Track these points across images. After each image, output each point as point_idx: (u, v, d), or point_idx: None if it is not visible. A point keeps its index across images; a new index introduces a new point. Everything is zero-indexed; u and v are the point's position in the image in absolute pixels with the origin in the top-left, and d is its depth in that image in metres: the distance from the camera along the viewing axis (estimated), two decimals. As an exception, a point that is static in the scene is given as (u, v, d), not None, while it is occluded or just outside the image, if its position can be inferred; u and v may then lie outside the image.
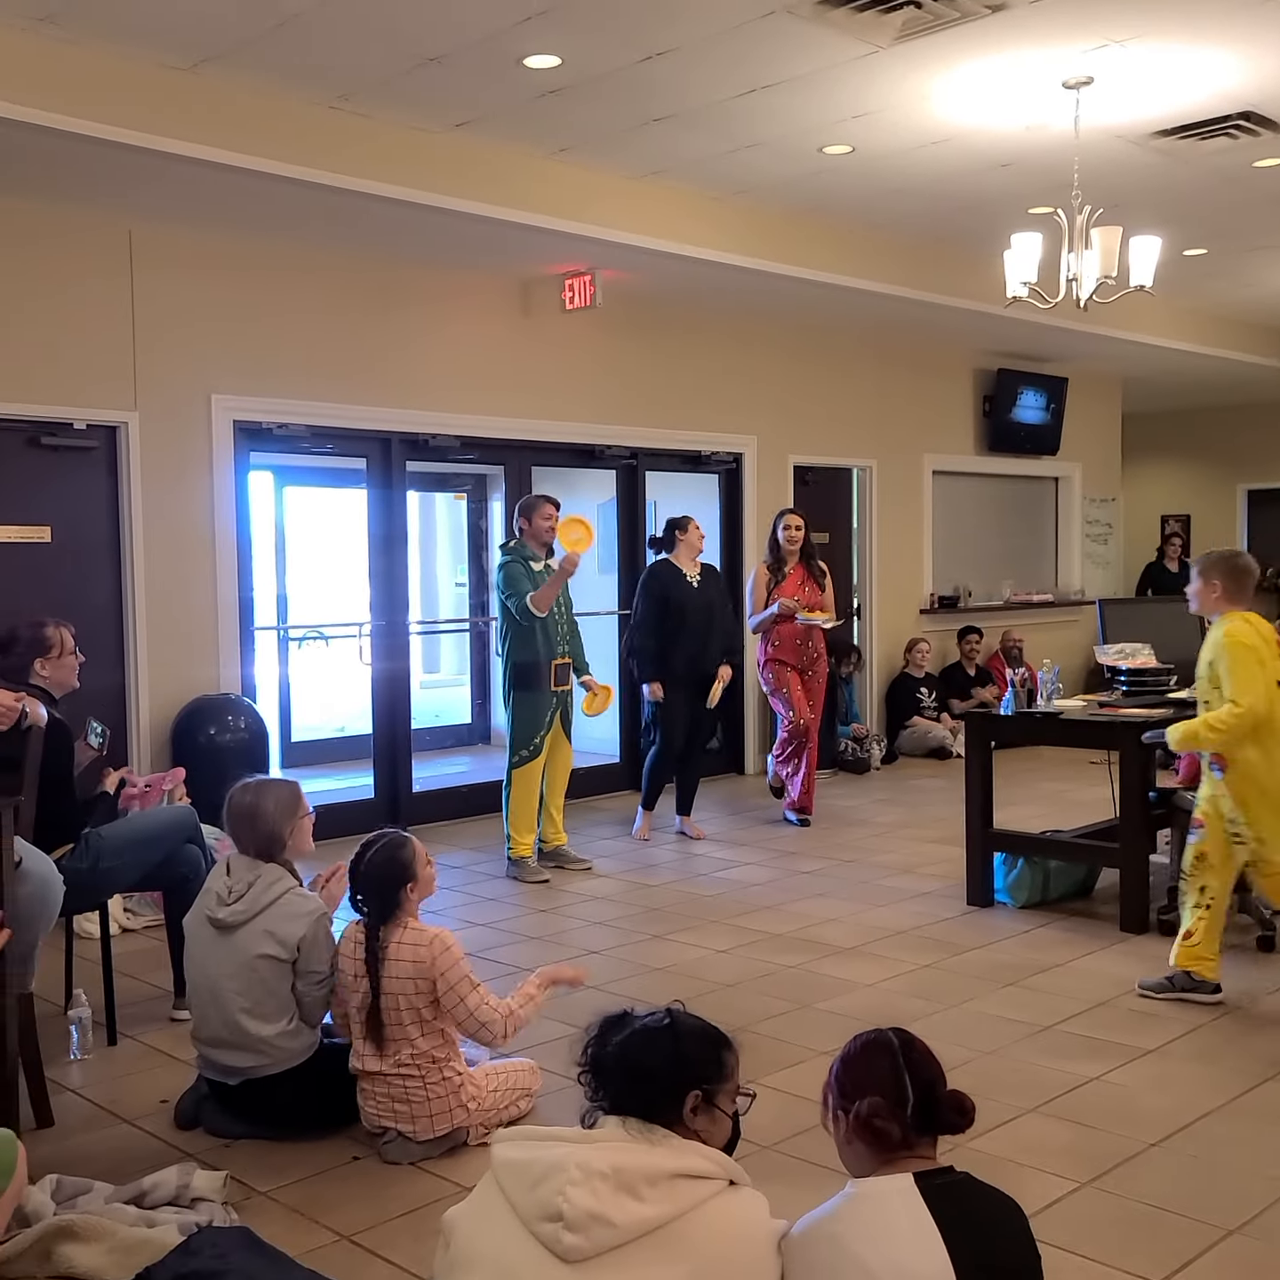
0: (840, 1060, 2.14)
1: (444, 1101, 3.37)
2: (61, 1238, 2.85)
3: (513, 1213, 1.94)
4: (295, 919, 3.52)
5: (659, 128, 6.10)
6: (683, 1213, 1.92)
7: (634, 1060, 2.06)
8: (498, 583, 6.41)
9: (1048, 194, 7.03)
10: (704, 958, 5.05)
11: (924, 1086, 2.06)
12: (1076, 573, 11.86)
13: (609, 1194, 1.90)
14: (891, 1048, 2.09)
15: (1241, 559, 4.47)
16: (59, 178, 5.63)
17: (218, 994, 3.50)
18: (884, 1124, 2.01)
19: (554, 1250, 1.88)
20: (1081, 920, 5.49)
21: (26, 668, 4.16)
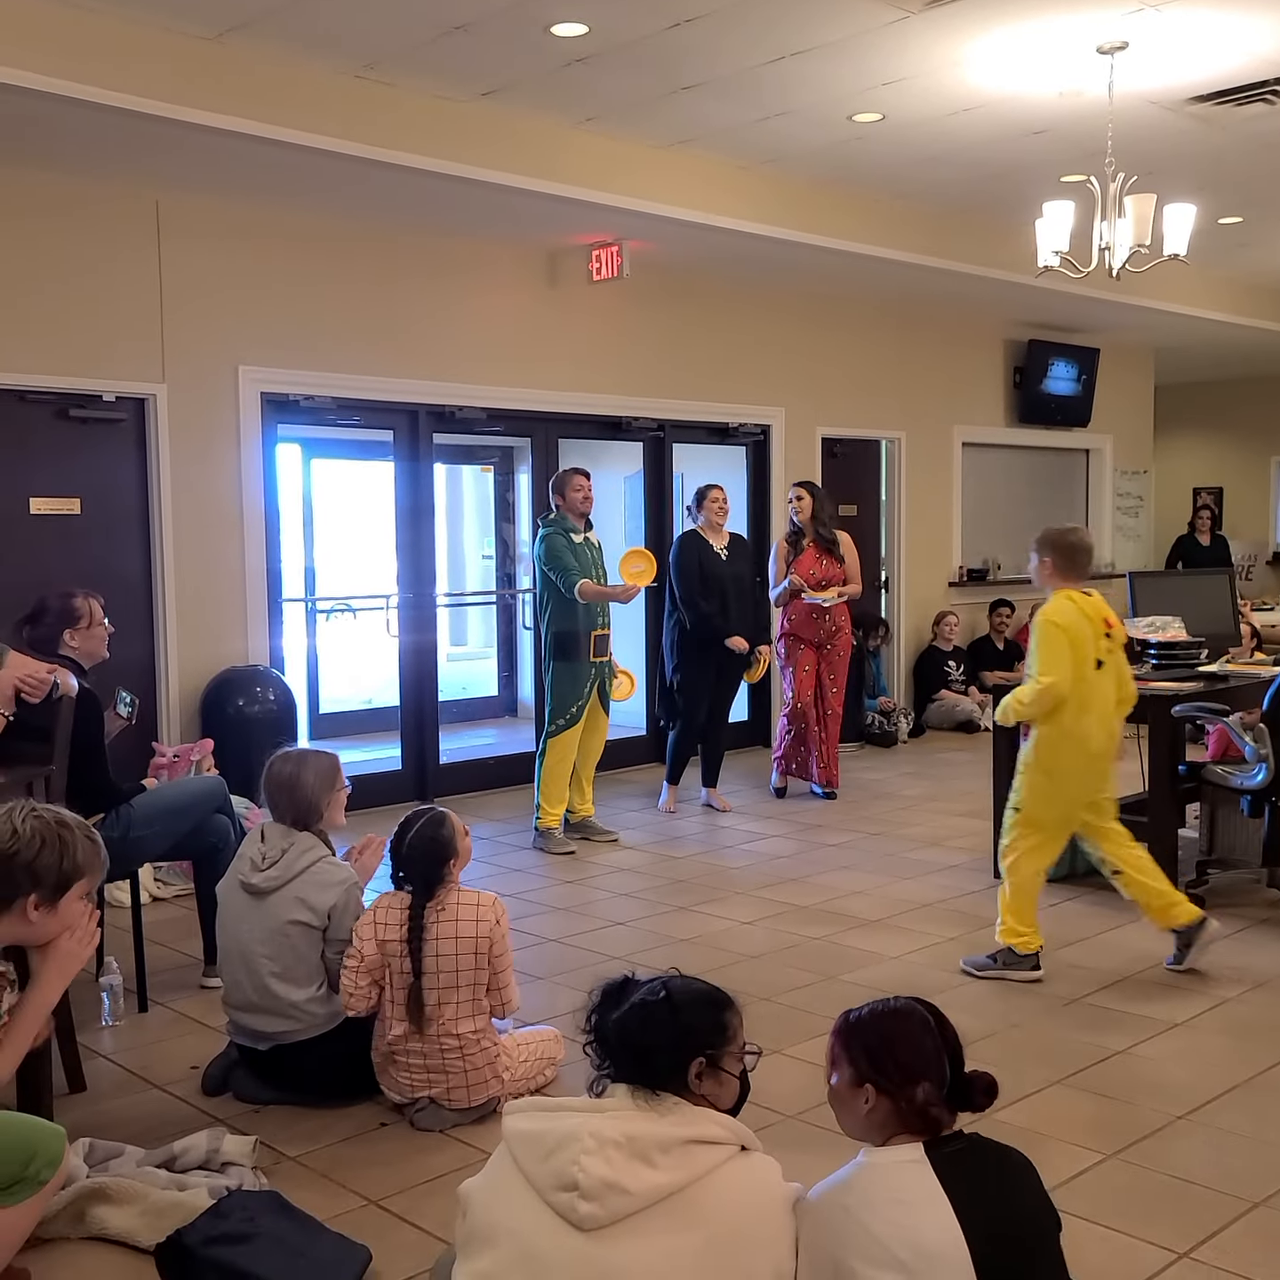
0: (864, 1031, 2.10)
1: (481, 1073, 3.39)
2: (95, 1200, 2.90)
3: (527, 1184, 1.96)
4: (327, 887, 3.55)
5: (687, 96, 6.05)
6: (696, 1178, 1.93)
7: (634, 1037, 2.06)
8: (539, 554, 6.42)
9: (1080, 161, 6.95)
10: (729, 929, 5.06)
11: (957, 1066, 2.06)
12: (1107, 545, 11.77)
13: (623, 1162, 1.92)
14: (929, 1025, 2.08)
15: (1073, 535, 4.47)
16: (86, 149, 5.63)
17: (249, 959, 3.53)
18: (938, 1112, 2.01)
19: (570, 1219, 1.90)
20: (1108, 894, 5.44)
21: (56, 638, 4.19)
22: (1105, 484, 11.72)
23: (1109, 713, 4.38)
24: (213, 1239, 2.60)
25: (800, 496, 7.29)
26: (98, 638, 4.30)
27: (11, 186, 5.87)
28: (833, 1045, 2.13)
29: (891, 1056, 2.05)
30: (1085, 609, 4.34)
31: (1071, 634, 4.26)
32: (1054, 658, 4.24)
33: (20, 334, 5.92)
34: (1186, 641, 5.77)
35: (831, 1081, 2.13)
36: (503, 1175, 2.01)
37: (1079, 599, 4.35)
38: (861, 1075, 2.06)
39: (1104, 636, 4.36)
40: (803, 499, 7.27)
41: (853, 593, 7.36)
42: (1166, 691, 5.27)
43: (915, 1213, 1.90)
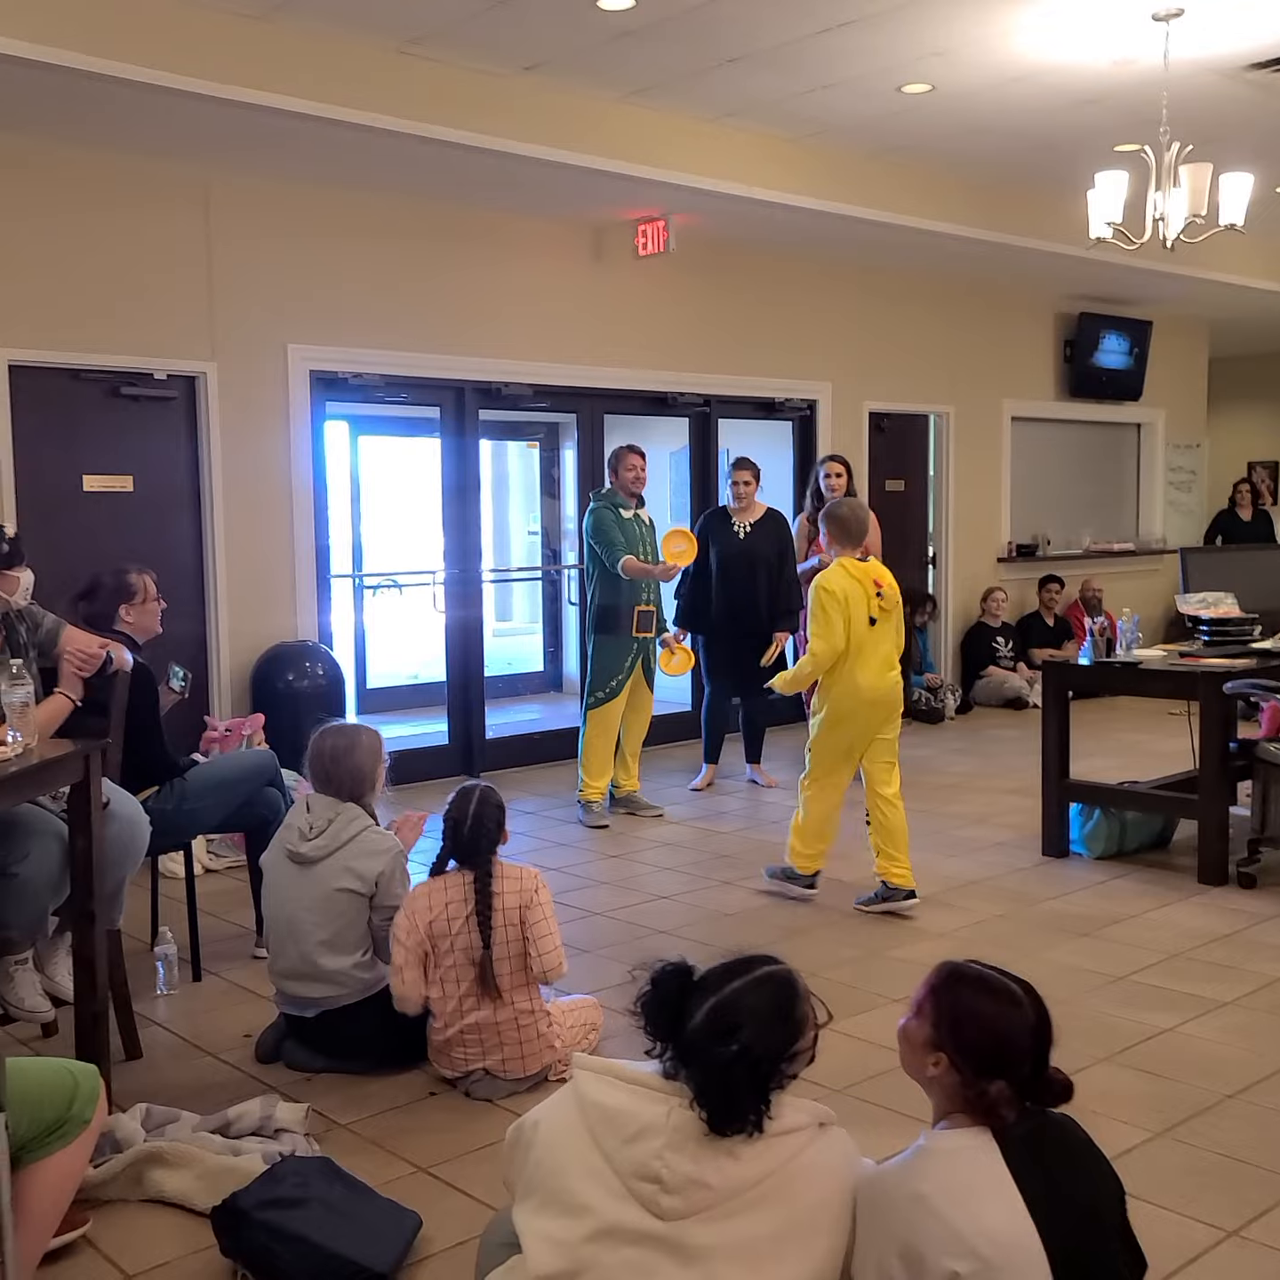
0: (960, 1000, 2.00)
1: (535, 1044, 3.43)
2: (152, 1163, 2.96)
3: (606, 1161, 1.95)
4: (374, 855, 3.59)
5: (733, 69, 6.01)
6: (779, 1167, 1.93)
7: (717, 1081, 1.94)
8: (587, 528, 6.46)
9: (1134, 131, 6.84)
10: (774, 904, 5.07)
11: (1042, 1066, 2.00)
12: (1158, 521, 11.64)
13: (707, 1158, 1.91)
14: (1030, 1022, 1.98)
15: (843, 508, 4.96)
16: (136, 129, 5.67)
17: (296, 927, 3.58)
18: (1006, 1112, 1.96)
19: (651, 1210, 1.91)
20: (1158, 872, 5.44)
21: (112, 614, 4.25)
22: (1157, 458, 11.57)
23: (883, 664, 4.87)
24: (266, 1203, 2.65)
25: (839, 474, 7.09)
26: (151, 613, 4.36)
27: (62, 167, 5.92)
28: (925, 995, 2.04)
29: (978, 1043, 1.96)
30: (854, 573, 4.84)
31: (840, 597, 4.77)
32: (824, 622, 4.77)
33: (73, 313, 5.99)
34: (1239, 618, 5.70)
35: (906, 1023, 2.05)
36: (578, 1142, 1.98)
37: (849, 564, 4.85)
38: (940, 1042, 1.98)
39: (875, 596, 4.84)
40: (841, 476, 7.08)
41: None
42: (1218, 668, 5.21)
43: (986, 1201, 1.87)
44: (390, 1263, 2.62)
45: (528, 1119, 2.10)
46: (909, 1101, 3.30)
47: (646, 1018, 2.05)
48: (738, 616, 6.85)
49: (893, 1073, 3.51)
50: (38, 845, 3.39)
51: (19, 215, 5.82)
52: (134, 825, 3.69)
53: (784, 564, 6.89)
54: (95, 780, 3.38)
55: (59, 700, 3.66)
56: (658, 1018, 2.03)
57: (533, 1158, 2.02)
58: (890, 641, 4.91)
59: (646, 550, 6.45)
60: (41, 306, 5.90)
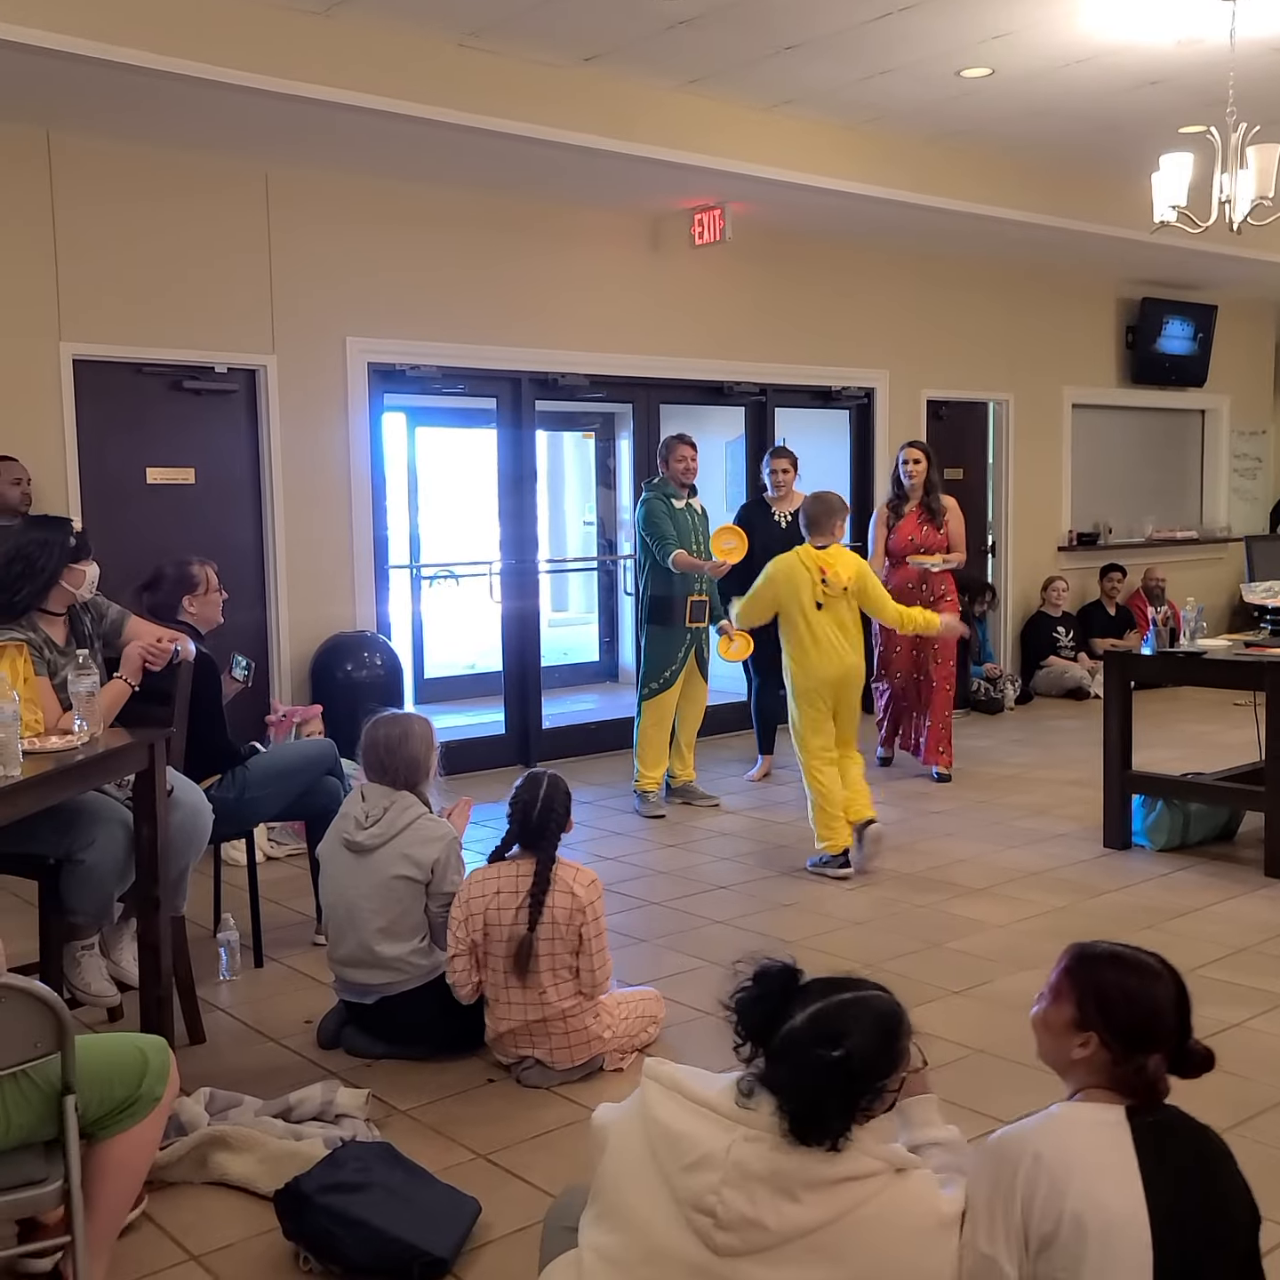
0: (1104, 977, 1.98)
1: (583, 1034, 3.44)
2: (215, 1146, 3.00)
3: (665, 1184, 1.88)
4: (430, 842, 3.62)
5: (790, 56, 5.97)
6: (842, 1215, 1.82)
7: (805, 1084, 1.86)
8: (639, 519, 6.45)
9: (1199, 112, 6.72)
10: (831, 895, 5.05)
11: (1186, 1038, 1.99)
12: (1223, 508, 11.45)
13: (765, 1198, 1.82)
14: (1173, 993, 1.99)
15: (809, 500, 5.39)
16: (196, 125, 5.73)
17: (354, 914, 3.61)
18: (1164, 1085, 1.94)
19: (706, 1243, 1.84)
20: (1223, 864, 5.36)
21: (175, 605, 4.32)
22: (1221, 445, 11.39)
23: (836, 645, 5.21)
24: (328, 1187, 2.68)
25: (918, 460, 6.97)
26: (214, 604, 4.42)
27: (125, 163, 5.99)
28: (1061, 978, 2.01)
29: (1130, 1018, 1.95)
30: (804, 559, 5.22)
31: (777, 579, 5.23)
32: (753, 594, 5.32)
33: (136, 309, 6.06)
34: (1307, 607, 5.60)
35: (1044, 1010, 2.03)
36: (639, 1158, 1.92)
37: (803, 551, 5.25)
38: (1087, 1023, 1.96)
39: (820, 583, 5.17)
40: (920, 463, 6.96)
41: (958, 560, 7.05)
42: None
43: (1104, 1177, 1.84)
44: (450, 1248, 2.64)
45: (606, 1119, 2.03)
46: (969, 1093, 3.28)
47: (741, 1014, 1.96)
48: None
49: (953, 1065, 3.50)
50: (104, 833, 3.44)
51: (83, 212, 5.90)
52: (197, 813, 3.73)
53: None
54: (160, 769, 3.43)
55: (118, 685, 3.70)
56: (754, 1015, 1.95)
57: (601, 1176, 1.97)
58: (840, 625, 5.23)
59: (699, 541, 6.42)
60: (105, 302, 5.98)
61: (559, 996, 3.41)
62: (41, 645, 3.59)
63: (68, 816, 3.41)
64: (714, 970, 4.23)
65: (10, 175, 5.73)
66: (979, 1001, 4.00)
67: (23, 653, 3.44)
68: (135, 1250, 2.72)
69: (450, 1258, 2.63)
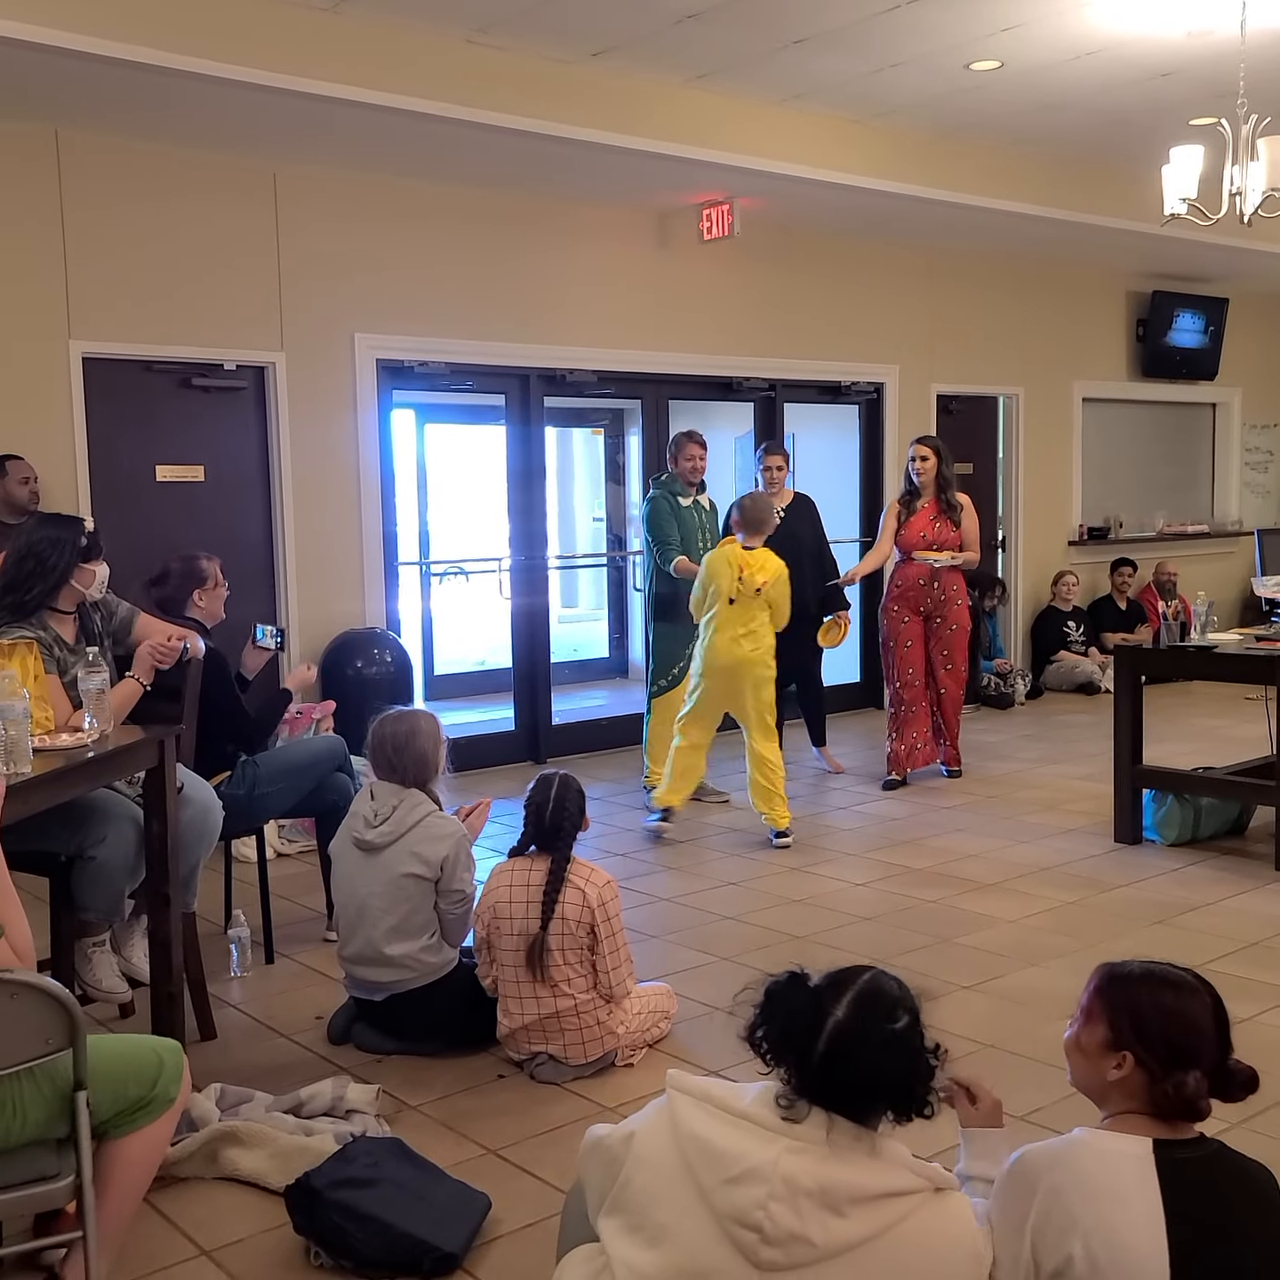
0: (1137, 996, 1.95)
1: (595, 1030, 3.44)
2: (226, 1142, 3.01)
3: (702, 1199, 1.84)
4: (439, 840, 3.62)
5: (799, 50, 5.96)
6: (886, 1229, 1.82)
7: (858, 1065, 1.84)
8: (644, 517, 6.44)
9: (1210, 104, 6.69)
10: (842, 890, 5.05)
11: (1227, 1055, 1.93)
12: (1234, 502, 11.41)
13: (812, 1212, 1.80)
14: (1209, 1008, 1.93)
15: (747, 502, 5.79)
16: (205, 123, 5.73)
17: (364, 912, 3.62)
18: (1206, 1105, 1.88)
19: (749, 1258, 1.82)
20: (1234, 859, 5.35)
21: (184, 600, 4.34)
22: (1233, 438, 11.35)
23: (735, 639, 5.60)
24: (338, 1182, 2.68)
25: (925, 457, 6.78)
26: (220, 599, 4.46)
27: (134, 161, 6.00)
28: (1092, 999, 1.98)
29: (1166, 1035, 1.90)
30: (729, 557, 5.64)
31: (710, 569, 5.69)
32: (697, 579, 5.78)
33: (145, 306, 6.07)
34: (1318, 601, 5.58)
35: (1076, 1033, 1.99)
36: (674, 1171, 1.87)
37: (728, 548, 5.69)
38: (1121, 1042, 1.92)
39: (736, 580, 5.56)
40: (927, 459, 6.77)
41: (969, 560, 6.85)
42: (1297, 652, 5.10)
43: (1123, 1213, 1.79)
44: (460, 1243, 2.64)
45: (619, 1131, 1.98)
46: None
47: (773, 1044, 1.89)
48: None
49: (963, 1060, 3.49)
50: (114, 829, 3.45)
51: (92, 211, 5.91)
52: (207, 810, 3.74)
53: (823, 546, 6.88)
54: (170, 765, 3.43)
55: (130, 685, 3.72)
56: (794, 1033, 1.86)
57: (623, 1174, 1.92)
58: (746, 622, 5.61)
59: (705, 537, 6.38)
60: (114, 300, 5.99)
61: (572, 992, 3.41)
62: (52, 643, 3.59)
63: (79, 814, 3.42)
64: (724, 965, 4.24)
65: (19, 174, 5.74)
66: (989, 996, 3.99)
67: (33, 650, 3.45)
68: (147, 1245, 2.73)
69: (461, 1253, 2.63)
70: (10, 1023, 2.14)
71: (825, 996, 1.88)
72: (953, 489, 6.84)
